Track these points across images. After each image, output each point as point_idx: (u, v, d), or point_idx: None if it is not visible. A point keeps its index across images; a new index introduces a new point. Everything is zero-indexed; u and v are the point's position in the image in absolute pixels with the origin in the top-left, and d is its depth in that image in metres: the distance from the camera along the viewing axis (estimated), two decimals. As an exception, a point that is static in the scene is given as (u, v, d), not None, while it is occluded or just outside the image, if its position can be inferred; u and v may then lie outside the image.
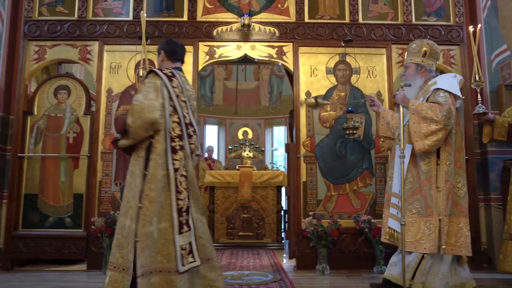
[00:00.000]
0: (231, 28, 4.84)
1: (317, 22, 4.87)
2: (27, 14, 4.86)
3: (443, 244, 2.91)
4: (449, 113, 2.91)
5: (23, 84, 4.74)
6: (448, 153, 3.00)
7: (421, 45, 3.22)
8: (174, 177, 2.62)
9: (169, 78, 2.73)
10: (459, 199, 3.02)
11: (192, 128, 2.81)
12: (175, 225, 2.57)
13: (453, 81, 3.10)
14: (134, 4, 4.88)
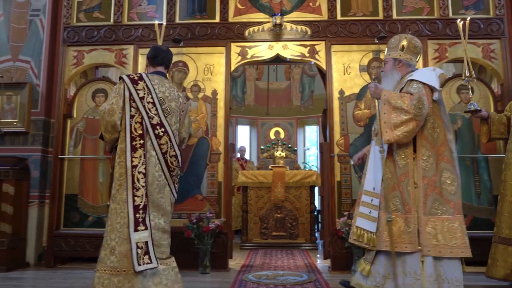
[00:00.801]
0: (263, 28, 4.85)
1: (350, 19, 4.80)
2: (66, 20, 5.04)
3: (422, 245, 2.73)
4: (419, 103, 2.79)
5: (63, 88, 4.91)
6: (426, 148, 2.86)
7: (399, 39, 3.14)
8: (131, 173, 2.68)
9: (134, 82, 2.84)
10: (450, 195, 2.81)
11: (163, 128, 2.83)
12: (131, 222, 2.60)
13: (430, 73, 3.00)
14: (167, 7, 4.96)
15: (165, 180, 2.84)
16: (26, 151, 4.83)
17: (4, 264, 4.32)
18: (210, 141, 4.71)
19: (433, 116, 2.91)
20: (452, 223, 2.75)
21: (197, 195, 4.64)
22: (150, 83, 2.87)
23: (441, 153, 2.87)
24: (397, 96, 2.87)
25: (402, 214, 2.83)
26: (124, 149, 2.74)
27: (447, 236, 2.72)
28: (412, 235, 2.76)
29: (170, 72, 4.83)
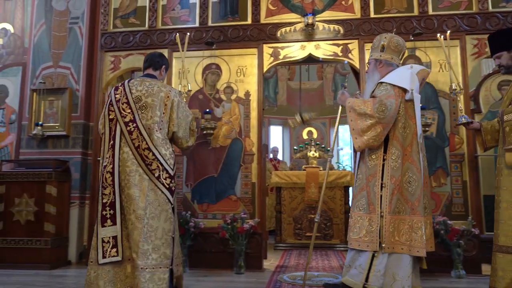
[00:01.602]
0: (295, 29, 4.84)
1: (384, 16, 4.72)
2: (103, 27, 5.20)
3: (383, 242, 2.81)
4: (382, 106, 2.84)
5: (101, 93, 5.08)
6: (396, 148, 2.90)
7: (380, 39, 3.15)
8: (102, 173, 2.91)
9: (115, 89, 3.09)
10: (409, 195, 2.87)
11: (134, 124, 2.93)
12: (98, 218, 2.84)
13: (403, 73, 2.99)
14: (200, 11, 5.04)
15: (144, 174, 2.88)
16: (67, 154, 5.03)
17: (48, 263, 4.51)
18: (244, 142, 4.74)
19: (404, 116, 2.93)
20: (409, 222, 2.83)
21: (231, 196, 4.68)
22: (128, 85, 3.06)
23: (408, 153, 2.91)
24: (361, 102, 2.95)
25: (366, 214, 2.92)
26: (103, 151, 2.99)
27: (404, 234, 2.81)
28: (374, 235, 2.85)
29: (203, 75, 4.90)
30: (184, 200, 4.74)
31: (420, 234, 2.79)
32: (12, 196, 4.69)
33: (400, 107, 2.92)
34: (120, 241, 2.79)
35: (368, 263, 2.86)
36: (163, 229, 2.89)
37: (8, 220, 4.66)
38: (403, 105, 2.92)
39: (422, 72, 3.08)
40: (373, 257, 2.85)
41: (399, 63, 3.15)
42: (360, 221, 2.95)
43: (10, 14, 5.78)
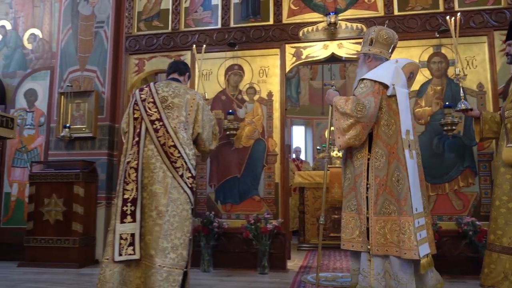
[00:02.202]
0: (317, 28, 4.81)
1: (408, 14, 4.64)
2: (127, 30, 5.30)
3: (371, 244, 2.72)
4: (358, 105, 2.74)
5: (126, 95, 5.18)
6: (379, 147, 2.79)
7: (368, 33, 3.05)
8: (125, 169, 2.86)
9: (140, 90, 3.11)
10: (398, 194, 2.73)
11: (160, 122, 2.95)
12: (118, 214, 2.75)
13: (387, 68, 2.86)
14: (222, 12, 5.07)
15: (167, 171, 2.88)
16: (93, 155, 5.14)
17: (76, 261, 4.62)
18: (267, 142, 4.74)
19: (388, 112, 2.81)
20: (399, 223, 2.70)
21: (255, 196, 4.69)
22: (154, 86, 3.10)
23: (394, 151, 2.78)
24: (343, 101, 2.87)
25: (356, 214, 2.87)
26: (126, 148, 2.97)
27: (394, 236, 2.70)
28: (363, 235, 2.80)
29: (226, 76, 4.94)
30: (208, 200, 4.78)
31: (408, 235, 2.64)
32: (42, 197, 4.83)
33: (382, 104, 2.81)
34: (138, 239, 2.73)
35: (368, 266, 2.78)
36: (182, 229, 2.86)
37: (38, 219, 4.79)
38: (385, 101, 2.81)
39: (409, 66, 2.93)
40: (370, 260, 2.78)
41: (389, 57, 3.03)
42: (352, 222, 2.89)
43: (38, 20, 5.95)
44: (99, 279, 2.71)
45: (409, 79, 2.94)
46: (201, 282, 3.88)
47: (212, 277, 4.15)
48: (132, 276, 2.75)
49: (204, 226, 4.46)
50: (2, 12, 6.10)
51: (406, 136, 2.78)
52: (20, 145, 5.55)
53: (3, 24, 6.07)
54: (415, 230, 2.63)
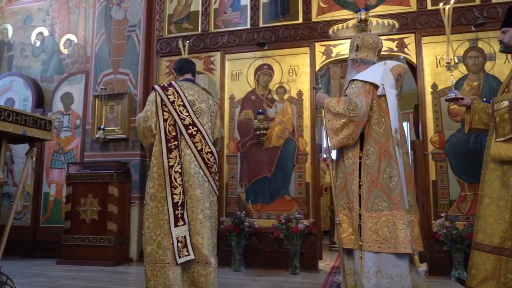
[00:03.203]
0: (347, 25, 4.75)
1: (442, 8, 4.50)
2: (158, 33, 5.40)
3: (363, 241, 2.74)
4: (351, 105, 2.83)
5: (157, 96, 5.25)
6: (370, 145, 2.86)
7: (354, 40, 3.15)
8: (169, 173, 2.88)
9: (164, 89, 3.05)
10: (390, 191, 2.77)
11: (195, 128, 3.01)
12: (171, 218, 2.82)
13: (376, 69, 2.96)
14: (251, 12, 5.08)
15: (204, 176, 2.99)
16: (127, 156, 5.26)
17: (111, 259, 4.74)
18: (297, 142, 4.71)
19: (378, 111, 2.88)
20: (392, 218, 2.73)
21: (285, 195, 4.67)
22: (179, 88, 3.09)
23: (385, 148, 2.84)
24: (335, 102, 2.95)
25: (349, 212, 2.90)
26: (160, 151, 2.94)
27: (387, 232, 2.72)
28: (356, 233, 2.82)
29: (255, 76, 4.94)
30: (239, 200, 4.79)
31: (405, 230, 2.67)
32: (78, 196, 4.98)
33: (373, 103, 2.88)
34: (189, 241, 2.84)
35: (360, 264, 2.78)
36: (216, 229, 3.01)
37: (75, 219, 4.95)
38: (375, 101, 2.88)
39: (397, 68, 3.04)
40: (361, 257, 2.78)
41: (375, 60, 3.10)
42: (346, 220, 2.92)
43: (74, 25, 6.15)
44: (164, 284, 2.78)
45: (397, 81, 3.04)
46: (232, 281, 3.90)
47: (243, 276, 4.16)
48: (184, 276, 2.86)
49: (235, 226, 4.47)
50: (40, 19, 6.34)
51: (395, 135, 2.86)
52: (58, 147, 5.74)
53: (41, 30, 6.31)
54: (406, 225, 2.69)
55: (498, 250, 2.73)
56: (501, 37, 2.97)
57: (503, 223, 2.73)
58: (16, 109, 3.20)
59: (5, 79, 6.12)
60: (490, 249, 2.76)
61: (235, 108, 4.97)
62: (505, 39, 2.93)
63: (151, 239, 2.88)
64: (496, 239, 2.73)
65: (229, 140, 4.92)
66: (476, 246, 2.85)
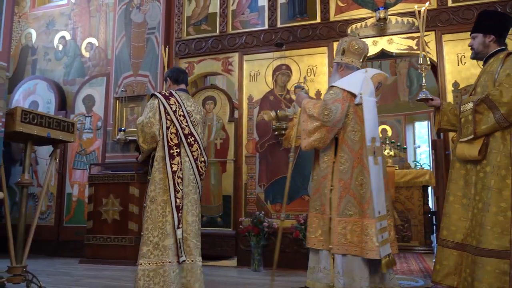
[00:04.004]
0: (366, 24, 4.71)
1: (463, 5, 4.43)
2: (177, 35, 5.46)
3: (332, 244, 2.85)
4: (325, 110, 2.90)
5: (177, 97, 5.31)
6: (344, 151, 2.94)
7: (341, 43, 3.20)
8: (173, 178, 3.10)
9: (166, 98, 3.25)
10: (361, 198, 2.87)
11: (193, 137, 3.27)
12: (175, 220, 3.04)
13: (355, 77, 3.02)
14: (269, 13, 5.09)
15: (197, 183, 3.27)
16: (147, 157, 5.32)
17: (133, 259, 4.79)
18: (315, 142, 4.69)
19: (355, 119, 2.94)
20: (360, 225, 2.83)
21: (304, 196, 4.66)
22: (180, 98, 3.31)
23: (359, 156, 2.91)
24: (312, 104, 3.03)
25: (320, 215, 2.99)
26: (163, 157, 3.15)
27: (355, 237, 2.83)
28: (325, 235, 2.92)
29: (273, 76, 4.95)
30: (258, 200, 4.81)
31: (370, 237, 2.77)
32: (100, 197, 5.07)
33: (349, 111, 2.94)
34: (182, 243, 3.07)
35: (331, 264, 2.91)
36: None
37: (97, 219, 5.04)
38: (352, 109, 2.94)
39: (377, 76, 3.09)
40: (333, 258, 2.90)
41: (360, 66, 3.15)
42: (316, 221, 3.02)
43: (95, 29, 6.27)
44: (164, 282, 2.98)
45: (377, 89, 3.09)
46: (252, 281, 3.91)
47: (262, 276, 4.17)
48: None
49: (254, 226, 4.49)
50: (62, 23, 6.49)
51: (371, 143, 2.90)
52: (80, 148, 5.86)
53: (63, 34, 6.45)
54: (376, 232, 2.76)
55: (460, 246, 2.82)
56: (471, 43, 2.99)
57: (465, 220, 2.82)
58: (40, 111, 3.28)
59: (29, 83, 6.28)
60: (453, 245, 2.85)
61: (253, 108, 4.98)
62: (475, 45, 2.95)
63: (148, 240, 3.06)
64: (459, 235, 2.83)
65: (247, 140, 4.94)
66: (441, 242, 2.93)
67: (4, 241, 3.13)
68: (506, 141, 2.69)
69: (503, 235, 2.60)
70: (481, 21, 2.94)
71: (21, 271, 3.12)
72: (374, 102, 3.00)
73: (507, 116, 2.63)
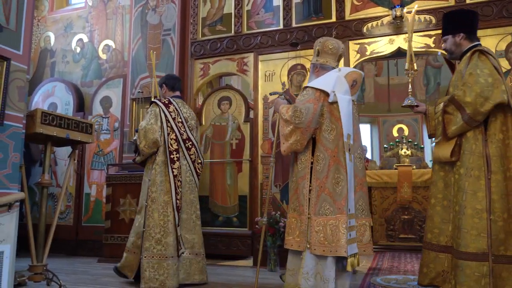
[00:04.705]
0: (382, 22, 4.67)
1: (482, 1, 4.35)
2: (192, 36, 5.49)
3: (310, 243, 2.87)
4: (296, 112, 2.93)
5: (192, 98, 5.36)
6: (320, 151, 2.96)
7: (315, 45, 3.25)
8: (174, 182, 3.43)
9: (166, 105, 3.56)
10: (336, 196, 2.88)
11: (190, 142, 3.61)
12: (176, 220, 3.43)
13: (331, 76, 3.05)
14: (283, 13, 5.08)
15: (195, 183, 3.65)
16: (164, 157, 5.37)
17: (150, 258, 4.85)
18: (331, 141, 4.67)
19: (329, 118, 2.96)
20: (335, 222, 2.85)
21: (320, 196, 4.63)
22: (178, 106, 3.62)
23: (335, 154, 2.93)
24: (285, 109, 3.08)
25: (298, 215, 3.02)
26: (165, 161, 3.48)
27: (331, 235, 2.84)
28: (302, 235, 2.94)
29: (289, 76, 4.95)
30: (273, 200, 4.81)
31: (341, 234, 2.80)
32: (117, 197, 5.13)
33: (324, 110, 2.96)
34: (181, 238, 3.49)
35: (299, 264, 2.94)
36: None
37: (115, 218, 5.10)
38: (327, 108, 2.96)
39: (351, 74, 3.12)
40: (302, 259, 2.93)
41: (335, 65, 3.18)
42: (294, 222, 3.04)
43: (111, 31, 6.35)
44: (168, 273, 3.38)
45: (353, 87, 3.12)
46: (268, 282, 3.91)
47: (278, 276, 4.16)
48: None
49: (270, 226, 4.49)
50: (80, 26, 6.59)
51: (347, 140, 2.95)
52: (98, 149, 5.94)
53: (80, 37, 6.55)
54: (346, 229, 2.81)
55: (445, 249, 2.82)
56: (444, 46, 3.02)
57: (448, 222, 2.82)
58: (59, 113, 3.34)
59: (48, 85, 6.40)
60: (438, 248, 2.85)
61: (269, 108, 4.98)
62: (447, 46, 2.97)
63: (149, 236, 3.42)
64: (443, 238, 2.83)
65: (263, 140, 4.94)
66: (426, 245, 2.92)
67: (25, 240, 3.20)
68: (478, 141, 2.68)
69: (480, 237, 2.59)
70: (447, 23, 2.98)
71: (42, 270, 3.18)
72: (349, 100, 3.04)
73: (473, 115, 2.62)
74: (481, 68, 2.64)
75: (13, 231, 2.57)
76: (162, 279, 3.34)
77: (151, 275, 3.33)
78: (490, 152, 2.64)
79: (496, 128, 2.65)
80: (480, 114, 2.60)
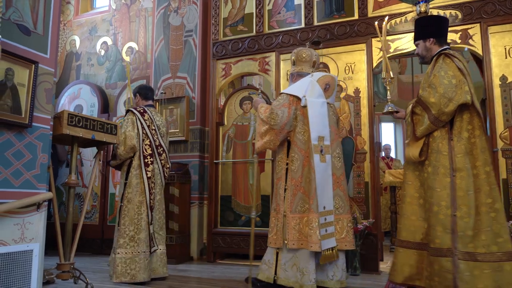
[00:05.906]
0: (406, 19, 4.58)
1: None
2: (214, 37, 5.51)
3: (286, 239, 3.11)
4: (271, 114, 3.19)
5: (214, 99, 5.38)
6: (294, 151, 3.18)
7: (291, 56, 3.55)
8: (148, 183, 3.76)
9: (141, 114, 3.91)
10: (310, 194, 3.11)
11: (162, 148, 3.98)
12: (150, 218, 3.73)
13: (304, 82, 3.29)
14: (305, 11, 5.05)
15: (163, 186, 4.01)
16: (186, 157, 5.42)
17: (174, 257, 4.90)
18: (355, 140, 4.61)
19: (302, 121, 3.21)
20: (309, 218, 3.08)
21: (343, 195, 4.58)
22: (151, 114, 3.97)
23: (308, 155, 3.16)
24: (263, 109, 3.30)
25: (275, 214, 3.27)
26: (139, 165, 3.79)
27: (306, 230, 3.08)
28: (279, 233, 3.18)
29: (311, 75, 4.91)
30: (296, 200, 4.77)
31: (314, 231, 3.02)
32: (142, 197, 5.19)
33: (297, 114, 3.23)
34: (154, 235, 3.81)
35: (274, 259, 3.20)
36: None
37: (139, 218, 5.16)
38: (300, 111, 3.22)
39: (323, 78, 3.35)
40: (277, 253, 3.20)
41: (311, 72, 3.42)
42: (273, 221, 3.27)
43: (135, 34, 6.44)
44: (139, 267, 3.63)
45: (326, 90, 3.33)
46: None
47: (302, 277, 4.13)
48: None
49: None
50: (104, 29, 6.71)
51: (318, 142, 3.14)
52: (122, 149, 6.02)
53: (105, 40, 6.67)
54: (320, 226, 3.02)
55: (420, 246, 2.87)
56: (416, 51, 3.10)
57: (423, 220, 2.88)
58: (85, 114, 3.41)
59: (74, 87, 6.54)
60: (414, 245, 2.90)
61: (291, 108, 4.95)
62: (419, 51, 3.06)
63: (124, 233, 3.68)
64: (418, 235, 2.89)
65: (285, 140, 4.91)
66: (401, 243, 2.95)
67: (53, 239, 3.27)
68: (444, 140, 2.78)
69: (445, 233, 2.66)
70: (418, 28, 3.06)
71: (69, 268, 3.25)
72: (322, 103, 3.24)
73: (438, 116, 2.72)
74: (445, 70, 2.75)
75: (42, 230, 2.63)
76: (133, 273, 3.60)
77: (123, 269, 3.60)
78: (456, 150, 2.73)
79: (462, 127, 2.75)
80: (444, 114, 2.71)
